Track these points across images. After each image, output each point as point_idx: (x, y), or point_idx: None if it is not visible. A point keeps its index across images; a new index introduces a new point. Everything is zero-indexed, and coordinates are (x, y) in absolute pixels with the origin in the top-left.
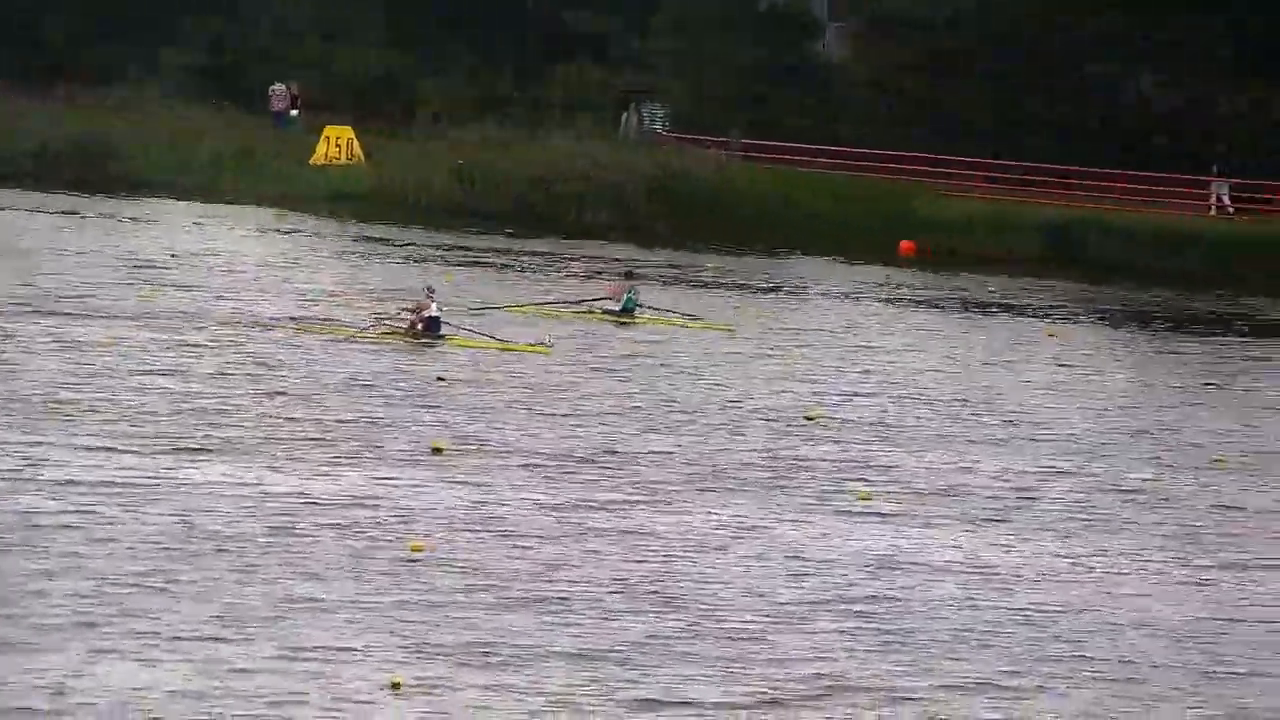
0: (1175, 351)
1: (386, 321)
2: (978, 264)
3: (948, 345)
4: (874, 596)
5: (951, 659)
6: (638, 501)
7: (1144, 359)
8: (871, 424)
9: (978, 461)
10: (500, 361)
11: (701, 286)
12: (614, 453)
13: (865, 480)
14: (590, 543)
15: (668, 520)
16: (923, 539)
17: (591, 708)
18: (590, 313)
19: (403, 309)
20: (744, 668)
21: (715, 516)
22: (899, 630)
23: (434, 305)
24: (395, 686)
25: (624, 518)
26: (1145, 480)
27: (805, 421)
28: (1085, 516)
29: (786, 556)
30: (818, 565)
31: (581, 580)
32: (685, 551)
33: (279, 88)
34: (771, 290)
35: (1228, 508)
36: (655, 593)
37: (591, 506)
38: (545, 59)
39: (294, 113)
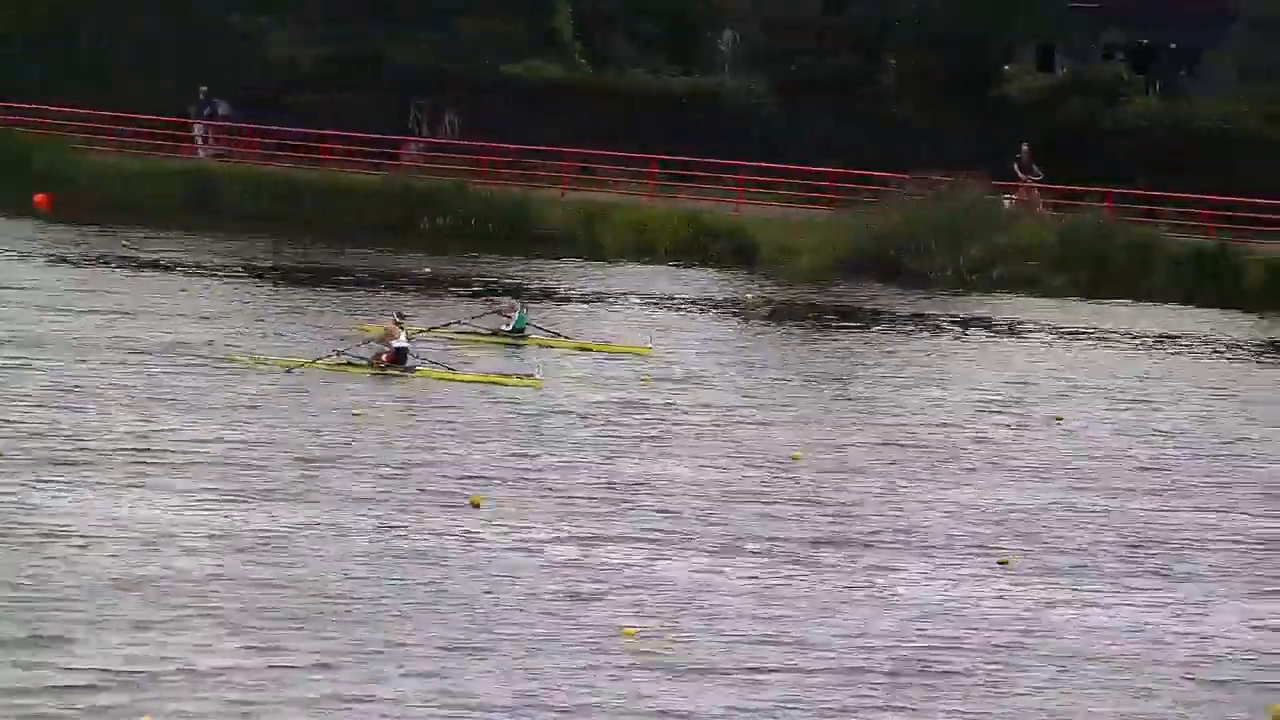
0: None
1: (345, 353)
2: (117, 216)
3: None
4: None
5: None
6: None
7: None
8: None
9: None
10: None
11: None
12: None
13: None
14: None
15: None
16: None
17: None
18: (475, 333)
19: (365, 338)
20: None
21: None
22: None
23: (403, 334)
24: None
25: None
26: None
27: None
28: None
29: None
30: None
31: None
32: None
33: None
34: None
35: None
36: None
37: None
38: None
39: None
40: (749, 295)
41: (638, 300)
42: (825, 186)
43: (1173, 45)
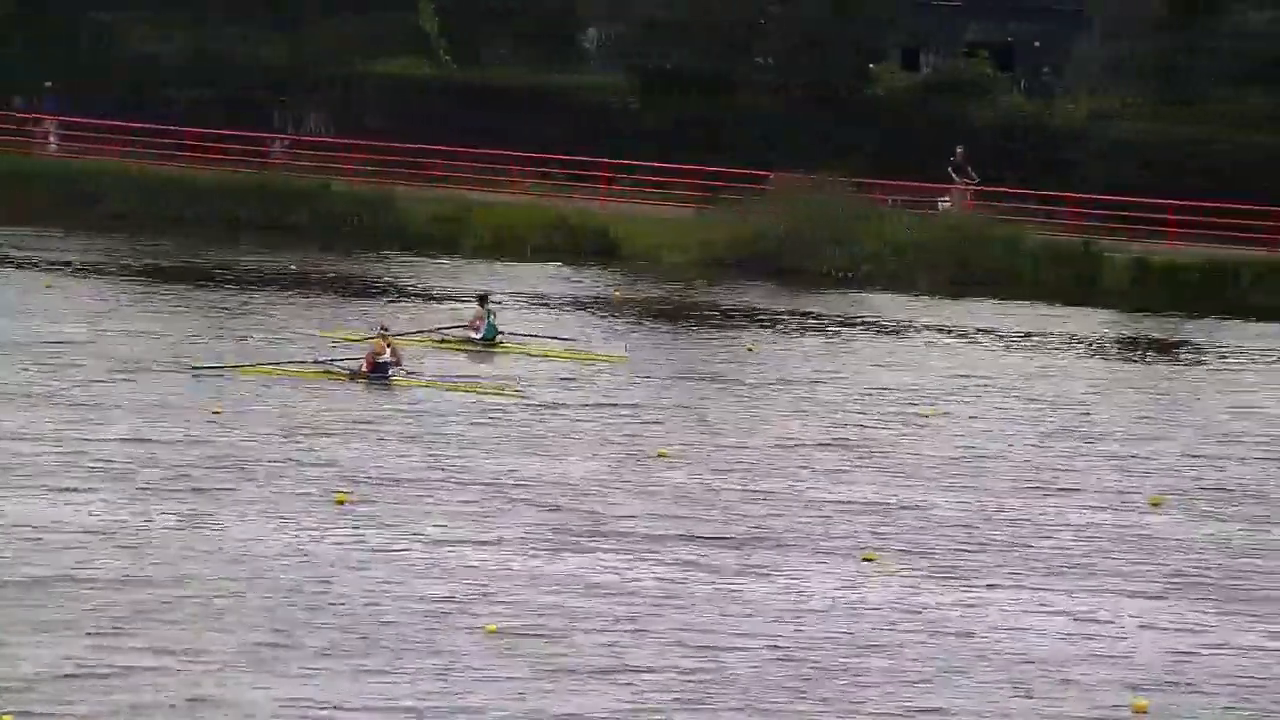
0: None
1: (335, 363)
2: None
3: None
4: None
5: None
6: None
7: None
8: None
9: None
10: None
11: None
12: None
13: None
14: None
15: None
16: None
17: None
18: (445, 342)
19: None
20: None
21: None
22: None
23: (388, 350)
24: None
25: None
26: None
27: None
28: None
29: None
30: None
31: None
32: None
33: None
34: None
35: None
36: None
37: None
38: None
39: None
40: (617, 293)
41: (505, 299)
42: (692, 184)
43: (1036, 43)
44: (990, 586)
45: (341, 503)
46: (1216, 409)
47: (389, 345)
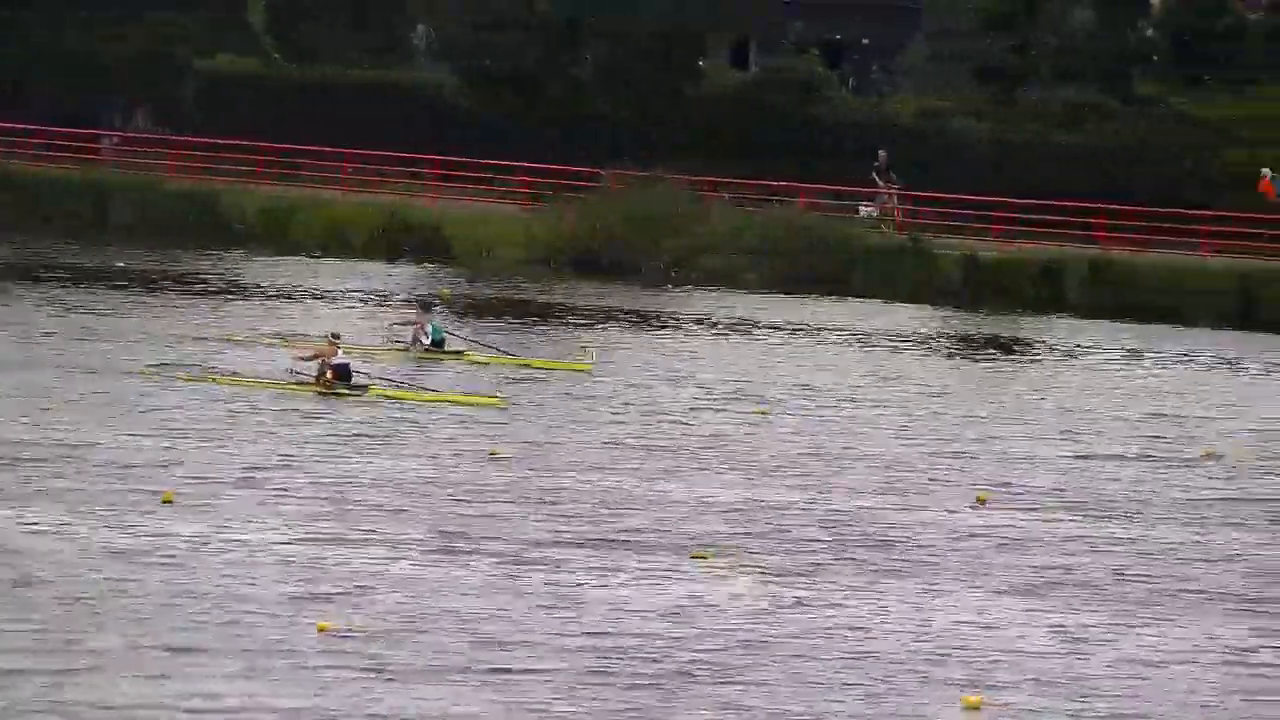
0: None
1: (297, 372)
2: None
3: None
4: None
5: None
6: None
7: None
8: None
9: None
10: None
11: None
12: None
13: None
14: None
15: None
16: None
17: None
18: (400, 346)
19: (299, 359)
20: None
21: None
22: None
23: (339, 352)
24: None
25: None
26: None
27: None
28: None
29: None
30: None
31: None
32: None
33: None
34: None
35: None
36: None
37: None
38: None
39: None
40: (446, 291)
41: (333, 297)
42: (521, 181)
43: (865, 41)
44: (836, 585)
45: (168, 501)
46: (1055, 407)
47: (339, 350)
